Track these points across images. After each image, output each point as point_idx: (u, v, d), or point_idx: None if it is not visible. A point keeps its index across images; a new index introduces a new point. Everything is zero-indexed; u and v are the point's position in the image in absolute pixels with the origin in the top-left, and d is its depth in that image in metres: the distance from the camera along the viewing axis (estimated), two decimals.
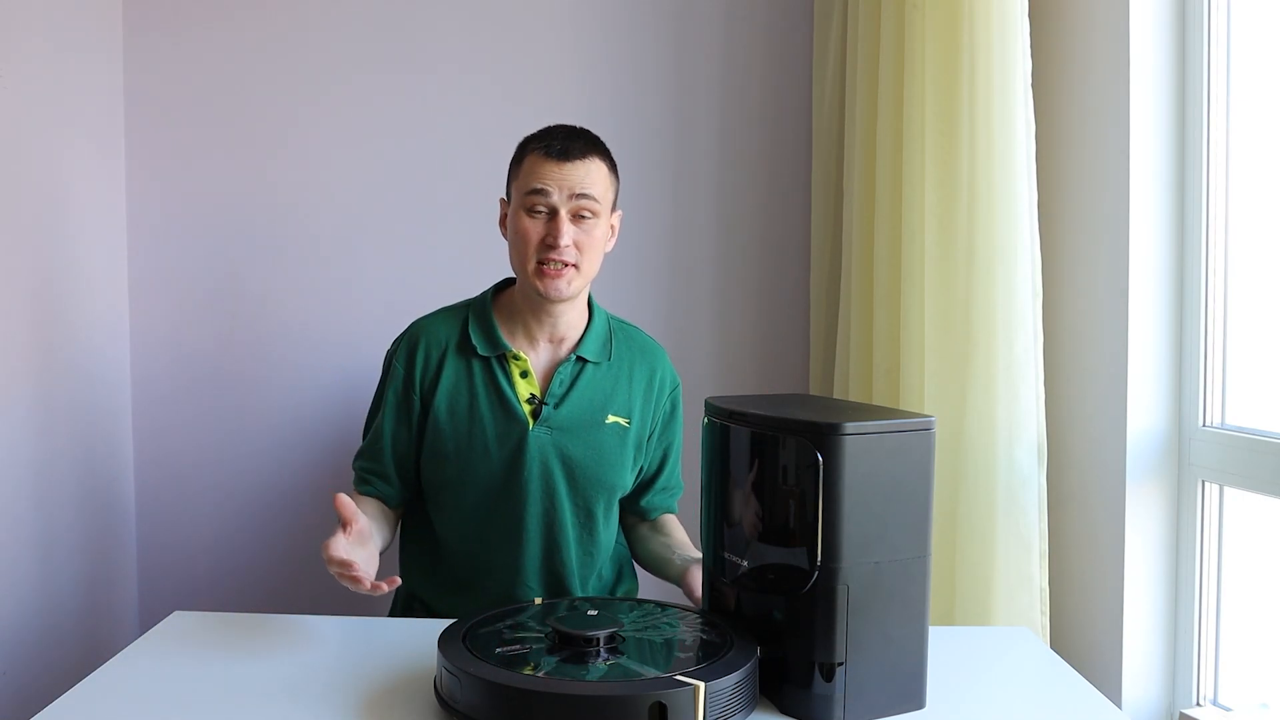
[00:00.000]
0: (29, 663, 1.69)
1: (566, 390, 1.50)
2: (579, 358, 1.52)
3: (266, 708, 1.09)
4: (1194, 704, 1.52)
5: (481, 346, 1.50)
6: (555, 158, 1.45)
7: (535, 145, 1.47)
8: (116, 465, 2.04)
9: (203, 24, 2.06)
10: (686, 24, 2.12)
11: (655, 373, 1.58)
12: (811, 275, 2.09)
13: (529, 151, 1.48)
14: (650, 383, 1.57)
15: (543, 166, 1.45)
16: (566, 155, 1.45)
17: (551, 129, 1.49)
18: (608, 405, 1.52)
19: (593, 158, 1.47)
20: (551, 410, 1.49)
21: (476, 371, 1.50)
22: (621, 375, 1.55)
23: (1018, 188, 1.52)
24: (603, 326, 1.56)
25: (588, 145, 1.48)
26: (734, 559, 1.16)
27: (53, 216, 1.80)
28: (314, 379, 2.10)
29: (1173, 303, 1.54)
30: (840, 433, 1.03)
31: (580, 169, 1.45)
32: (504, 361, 1.50)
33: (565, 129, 1.49)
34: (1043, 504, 1.54)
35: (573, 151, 1.45)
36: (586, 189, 1.45)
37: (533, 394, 1.50)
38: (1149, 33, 1.52)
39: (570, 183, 1.44)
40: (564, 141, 1.46)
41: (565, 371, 1.51)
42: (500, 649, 1.08)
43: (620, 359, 1.56)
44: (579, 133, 1.50)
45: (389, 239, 2.09)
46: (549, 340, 1.53)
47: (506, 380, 1.50)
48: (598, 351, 1.53)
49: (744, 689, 1.04)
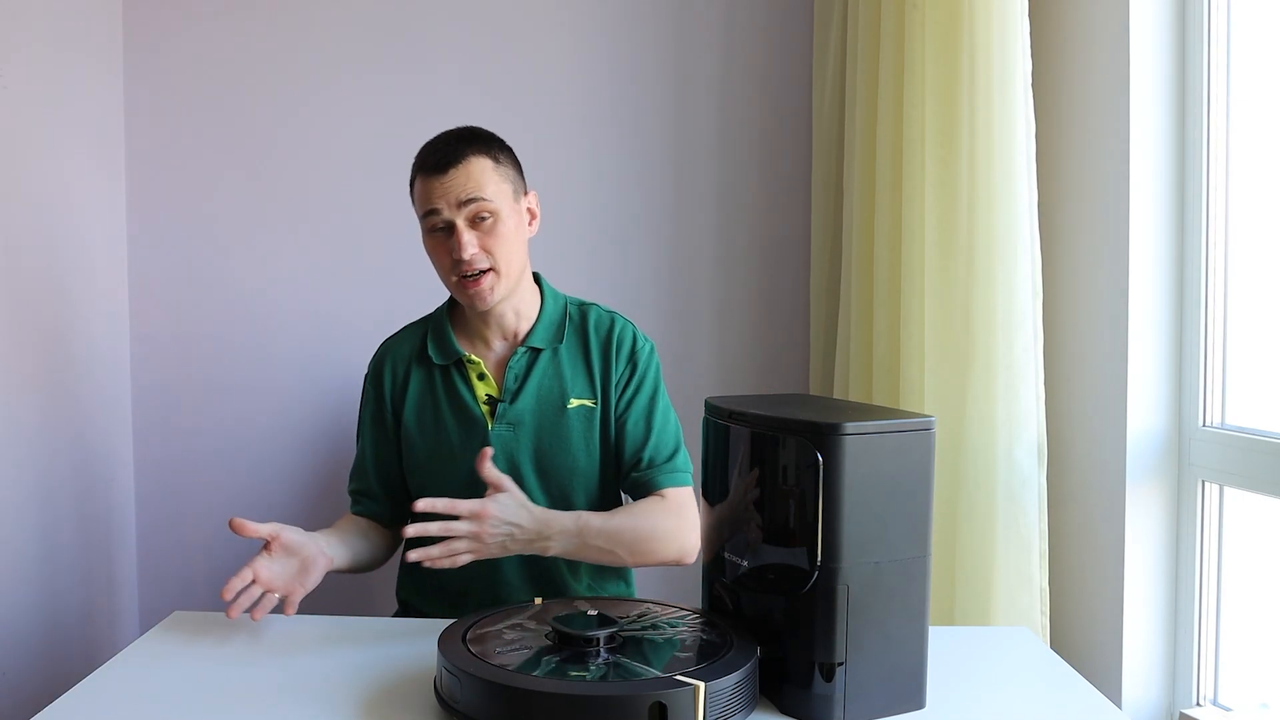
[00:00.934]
0: (29, 663, 1.69)
1: (520, 383, 1.50)
2: (529, 348, 1.51)
3: (266, 708, 1.09)
4: (1194, 704, 1.52)
5: (437, 356, 1.52)
6: (434, 172, 1.42)
7: (417, 167, 1.46)
8: (116, 465, 2.04)
9: (203, 24, 2.06)
10: (686, 24, 2.12)
11: (611, 339, 1.53)
12: (811, 275, 2.09)
13: (415, 175, 1.46)
14: (605, 351, 1.53)
15: (427, 185, 1.43)
16: (441, 166, 1.41)
17: (430, 142, 1.47)
18: (568, 390, 1.50)
19: (469, 158, 1.42)
20: (507, 406, 1.49)
21: (438, 380, 1.52)
22: (578, 355, 1.53)
23: (1018, 188, 1.52)
24: (555, 311, 1.54)
25: (461, 146, 1.43)
26: (734, 559, 1.16)
27: (53, 216, 1.80)
28: (314, 379, 2.10)
29: (1173, 303, 1.54)
30: (840, 433, 1.03)
31: (460, 175, 1.41)
32: (461, 367, 1.51)
33: (441, 138, 1.46)
34: (1043, 504, 1.54)
35: (446, 160, 1.42)
36: (471, 193, 1.41)
37: (489, 394, 1.50)
38: (1149, 33, 1.52)
39: (454, 192, 1.41)
40: (437, 154, 1.43)
41: (517, 365, 1.50)
42: (500, 649, 1.08)
43: (574, 339, 1.53)
44: (453, 137, 1.46)
45: (389, 239, 2.09)
46: (502, 338, 1.53)
47: (464, 384, 1.50)
48: (548, 338, 1.52)
49: (744, 689, 1.04)
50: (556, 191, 2.02)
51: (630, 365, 1.53)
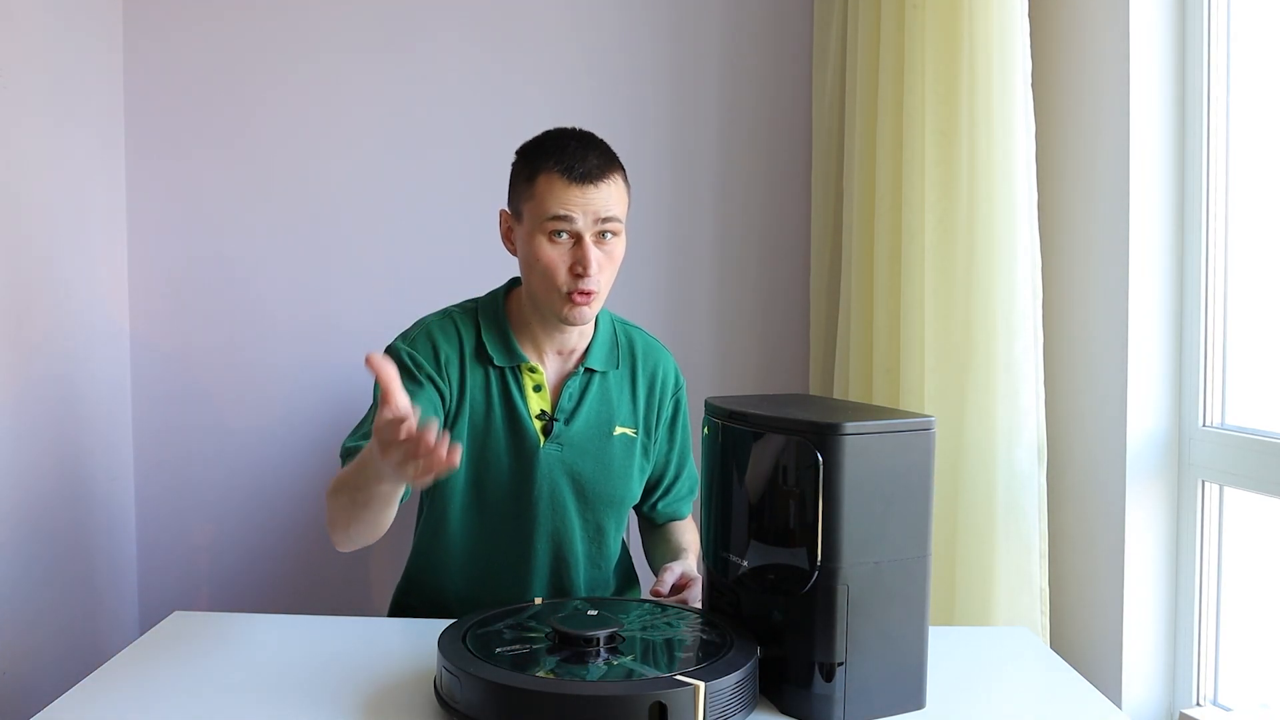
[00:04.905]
0: (29, 663, 1.69)
1: (576, 405, 1.45)
2: (587, 369, 1.46)
3: (266, 708, 1.09)
4: (1194, 704, 1.52)
5: (498, 356, 1.43)
6: (577, 181, 1.34)
7: (550, 165, 1.36)
8: (116, 465, 2.04)
9: (203, 23, 2.06)
10: (686, 24, 2.12)
11: (657, 376, 1.52)
12: (811, 275, 2.09)
13: (541, 170, 1.36)
14: (652, 387, 1.52)
15: (564, 191, 1.34)
16: (589, 178, 1.34)
17: (563, 143, 1.38)
18: (614, 417, 1.47)
19: (613, 175, 1.37)
20: (562, 427, 1.43)
21: (493, 381, 1.43)
22: (625, 383, 1.50)
23: (1018, 188, 1.52)
24: (608, 332, 1.50)
25: (606, 162, 1.37)
26: (734, 559, 1.15)
27: (53, 216, 1.80)
28: (315, 379, 2.10)
29: (1173, 303, 1.54)
30: (840, 433, 1.03)
31: (604, 191, 1.35)
32: (518, 373, 1.44)
33: (578, 142, 1.38)
34: (1043, 504, 1.54)
35: (594, 173, 1.35)
36: (610, 211, 1.36)
37: (543, 409, 1.44)
38: (1149, 32, 1.52)
39: (595, 207, 1.34)
40: (583, 162, 1.35)
41: (574, 385, 1.45)
42: (500, 649, 1.08)
43: (625, 366, 1.50)
44: (593, 146, 1.39)
45: (391, 237, 2.09)
46: (557, 352, 1.46)
47: (520, 394, 1.43)
48: (605, 360, 1.48)
49: (744, 689, 1.04)
50: None
51: (674, 404, 1.56)
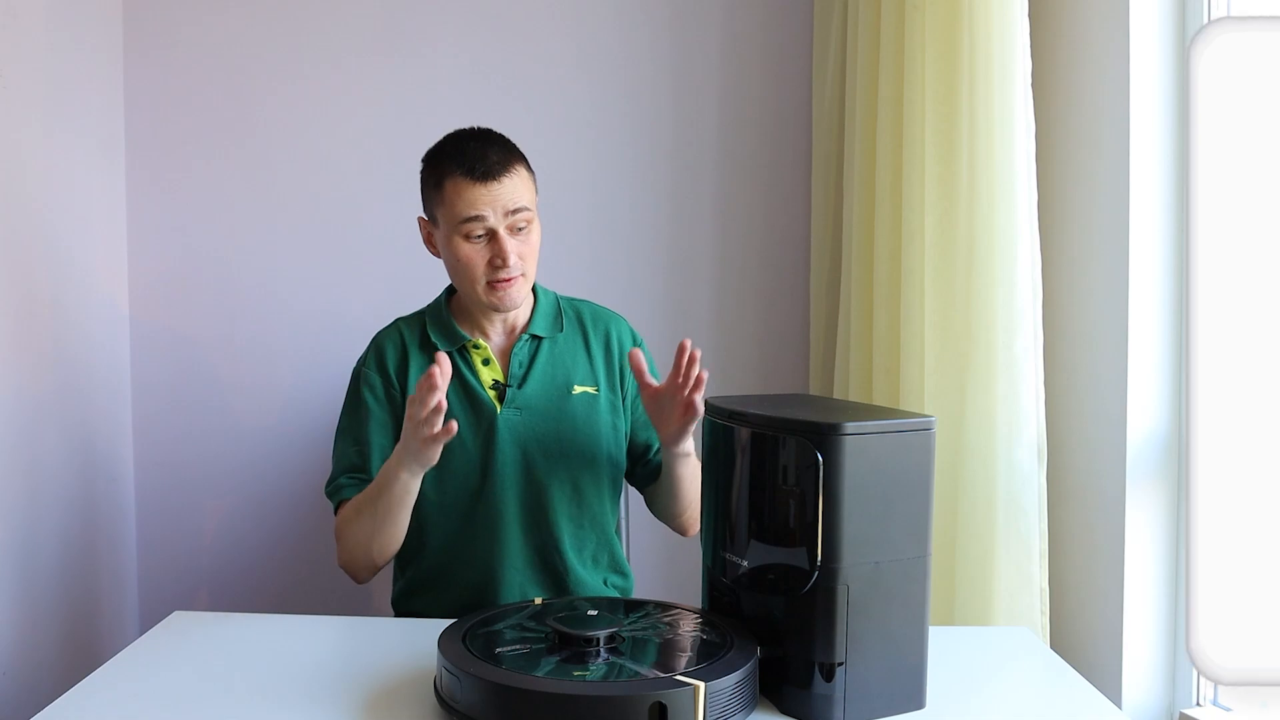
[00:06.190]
0: (29, 662, 1.69)
1: (526, 369, 1.51)
2: (532, 335, 1.53)
3: (266, 708, 1.09)
4: (1194, 704, 1.52)
5: (441, 342, 1.51)
6: (481, 180, 1.41)
7: (453, 168, 1.42)
8: (116, 465, 2.04)
9: (203, 23, 2.06)
10: (686, 24, 2.12)
11: (611, 335, 1.58)
12: (811, 275, 2.09)
13: (447, 175, 1.43)
14: (608, 347, 1.57)
15: (470, 191, 1.41)
16: (491, 174, 1.41)
17: (462, 145, 1.44)
18: (571, 377, 1.53)
19: (515, 167, 1.44)
20: (516, 390, 1.50)
21: None
22: (578, 345, 1.56)
23: (1017, 188, 1.52)
24: (549, 304, 1.57)
25: (506, 156, 1.44)
26: (734, 559, 1.15)
27: (53, 216, 1.80)
28: (314, 378, 2.10)
29: (1173, 303, 1.54)
30: (840, 433, 1.03)
31: (508, 185, 1.42)
32: (465, 353, 1.51)
33: (476, 141, 1.44)
34: (1043, 504, 1.53)
35: (496, 169, 1.41)
36: (518, 202, 1.43)
37: (495, 379, 1.51)
38: (1149, 32, 1.52)
39: (503, 201, 1.41)
40: (484, 160, 1.41)
41: (522, 351, 1.52)
42: (500, 649, 1.08)
43: (573, 330, 1.56)
44: (491, 142, 1.45)
45: (390, 237, 2.09)
46: (502, 329, 1.54)
47: (470, 370, 1.50)
48: (548, 327, 1.54)
49: (744, 689, 1.04)
50: (557, 191, 2.01)
51: None
